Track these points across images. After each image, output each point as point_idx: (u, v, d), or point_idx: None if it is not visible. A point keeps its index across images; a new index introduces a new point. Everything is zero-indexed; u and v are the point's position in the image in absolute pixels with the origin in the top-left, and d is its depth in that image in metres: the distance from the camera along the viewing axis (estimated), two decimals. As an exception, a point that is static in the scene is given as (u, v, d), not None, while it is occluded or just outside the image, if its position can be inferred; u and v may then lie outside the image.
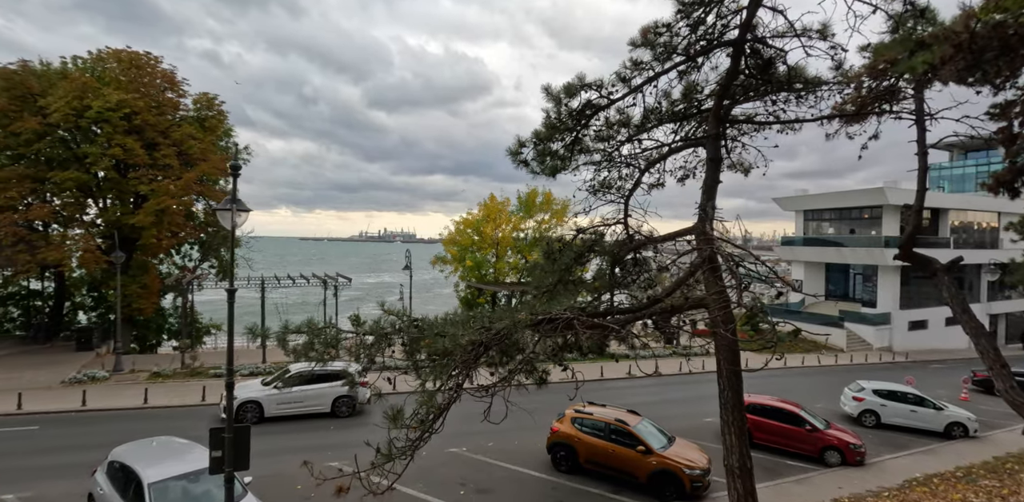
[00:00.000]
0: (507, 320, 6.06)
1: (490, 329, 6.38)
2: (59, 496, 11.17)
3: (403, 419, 5.70)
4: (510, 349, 6.02)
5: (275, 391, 16.38)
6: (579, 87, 7.75)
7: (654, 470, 12.75)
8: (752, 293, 7.74)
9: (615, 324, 6.20)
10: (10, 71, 21.75)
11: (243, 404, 15.91)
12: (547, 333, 5.87)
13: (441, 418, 5.81)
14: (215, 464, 7.83)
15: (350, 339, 8.68)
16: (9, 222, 20.77)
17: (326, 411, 16.88)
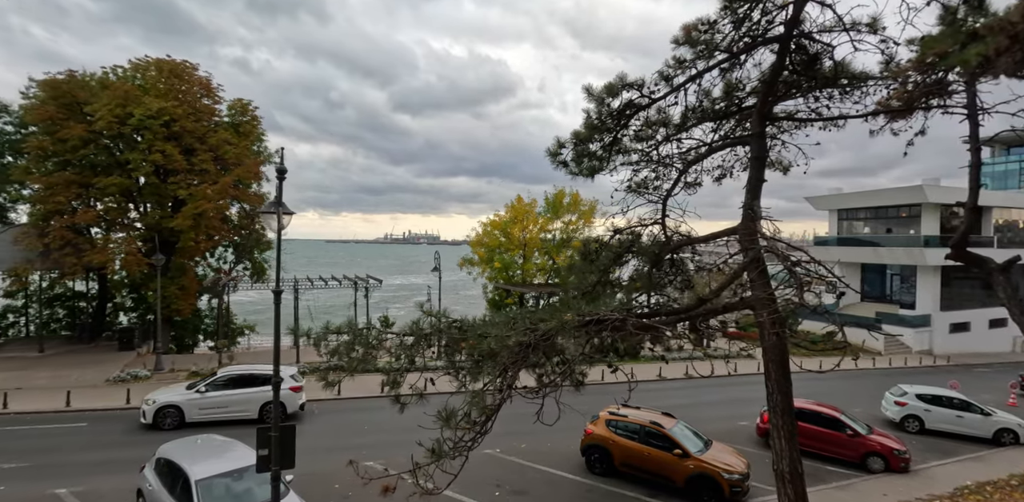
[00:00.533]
0: (554, 321, 6.04)
1: (535, 330, 6.36)
2: (109, 491, 11.52)
3: (456, 420, 5.71)
4: (554, 351, 5.98)
5: (197, 395, 15.70)
6: (620, 87, 7.69)
7: (692, 474, 12.56)
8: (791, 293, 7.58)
9: (665, 325, 6.12)
10: (58, 80, 22.59)
11: (162, 408, 15.34)
12: (595, 334, 5.83)
13: (492, 419, 5.82)
14: (262, 462, 7.97)
15: (390, 340, 8.78)
16: (58, 226, 21.59)
17: (253, 417, 15.98)
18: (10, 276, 21.73)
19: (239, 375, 16.55)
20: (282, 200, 8.97)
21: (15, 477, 12.13)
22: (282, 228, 8.04)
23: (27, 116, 22.33)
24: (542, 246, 32.49)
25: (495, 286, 31.91)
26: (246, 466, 9.99)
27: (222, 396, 15.93)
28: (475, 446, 5.96)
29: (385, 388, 8.76)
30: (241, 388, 16.20)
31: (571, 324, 5.78)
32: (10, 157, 26.38)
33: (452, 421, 5.73)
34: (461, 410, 5.76)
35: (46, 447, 13.99)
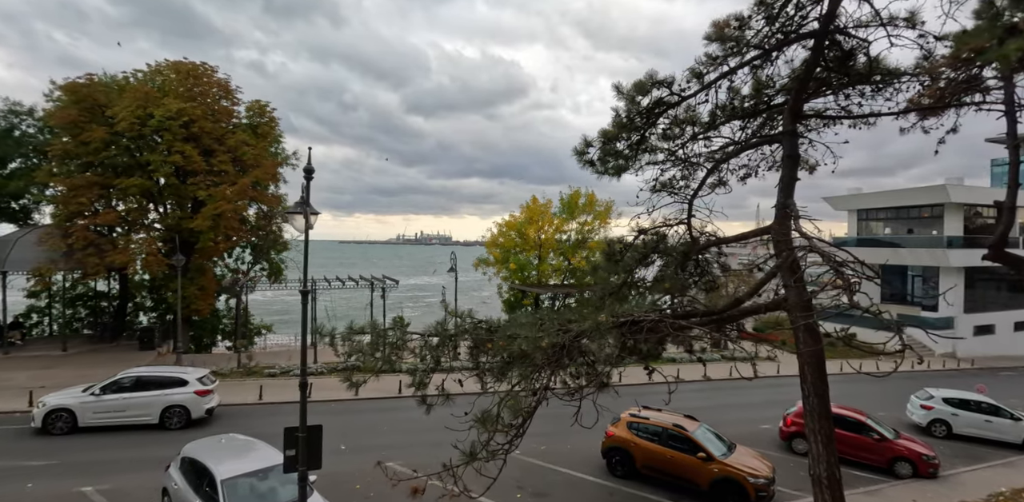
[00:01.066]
0: (587, 322, 5.94)
1: (568, 331, 6.27)
2: (134, 489, 11.60)
3: (492, 422, 5.64)
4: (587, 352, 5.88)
5: (92, 398, 14.89)
6: (650, 85, 7.58)
7: (716, 478, 12.38)
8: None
9: (702, 326, 6.00)
10: (79, 84, 22.92)
11: (52, 412, 14.51)
12: (630, 335, 5.73)
13: (528, 421, 5.74)
14: (289, 462, 7.96)
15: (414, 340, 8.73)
16: (81, 227, 21.89)
17: (154, 422, 15.30)
18: (34, 276, 22.05)
19: (140, 377, 15.73)
20: (308, 200, 8.98)
21: (43, 475, 12.25)
22: (310, 228, 8.02)
23: (51, 119, 22.69)
24: (557, 247, 32.35)
25: (510, 287, 31.84)
26: (270, 466, 10.02)
27: (119, 399, 15.07)
28: (512, 449, 5.88)
29: (409, 389, 8.73)
30: (142, 391, 15.36)
31: (605, 325, 5.69)
32: (35, 159, 26.84)
33: (489, 423, 5.66)
34: (495, 411, 5.68)
35: (71, 445, 14.13)
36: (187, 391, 15.76)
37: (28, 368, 20.80)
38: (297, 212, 8.49)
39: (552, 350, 5.91)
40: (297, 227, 8.75)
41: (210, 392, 16.39)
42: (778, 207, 7.71)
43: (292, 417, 16.84)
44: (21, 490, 11.53)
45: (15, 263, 22.33)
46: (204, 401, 16.03)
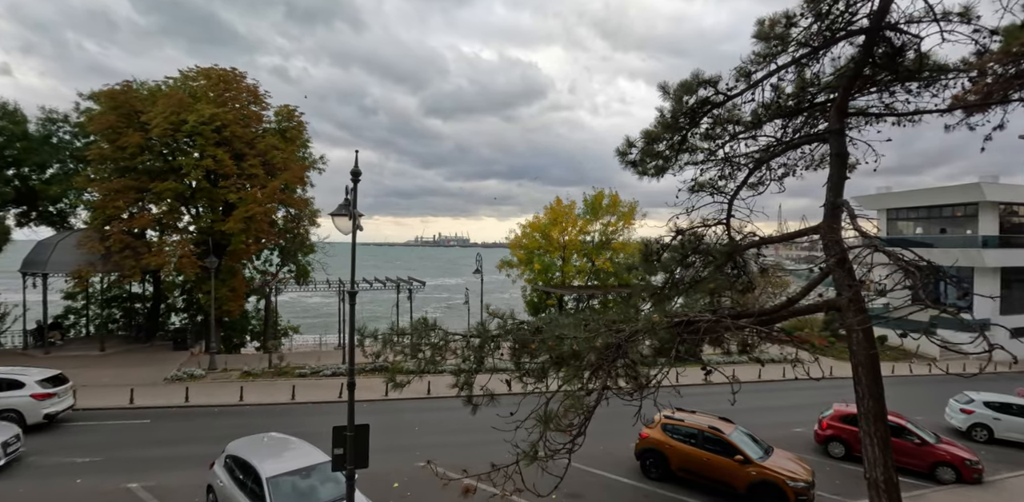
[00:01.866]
0: (641, 322, 5.93)
1: (621, 331, 6.27)
2: (179, 487, 11.85)
3: (556, 421, 5.66)
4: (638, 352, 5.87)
5: None
6: (697, 84, 7.54)
7: (754, 481, 12.23)
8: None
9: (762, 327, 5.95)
10: (117, 91, 23.54)
11: None
12: (685, 335, 5.70)
13: (588, 421, 5.76)
14: (337, 461, 8.07)
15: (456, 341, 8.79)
16: (118, 230, 22.46)
17: None
18: (74, 278, 22.67)
19: None
20: (348, 202, 9.11)
21: (89, 471, 12.59)
22: (358, 229, 8.14)
23: (90, 125, 23.31)
24: (581, 248, 32.26)
25: (534, 288, 31.83)
26: (313, 464, 10.18)
27: None
28: (576, 448, 5.89)
29: (447, 390, 8.81)
30: None
31: (661, 325, 5.67)
32: (71, 165, 27.62)
33: (552, 422, 5.68)
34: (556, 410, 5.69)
35: (115, 442, 14.51)
36: (23, 395, 14.62)
37: (68, 367, 21.25)
38: (343, 214, 8.61)
39: (605, 350, 5.91)
40: (342, 228, 8.87)
41: (52, 396, 14.99)
42: (827, 206, 7.61)
43: (325, 417, 17.14)
44: (70, 485, 11.87)
45: (56, 265, 23.00)
46: (42, 405, 14.72)
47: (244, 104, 25.87)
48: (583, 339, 6.33)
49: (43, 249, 23.72)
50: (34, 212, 28.80)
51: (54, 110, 27.58)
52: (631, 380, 6.47)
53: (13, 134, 25.35)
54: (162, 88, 26.26)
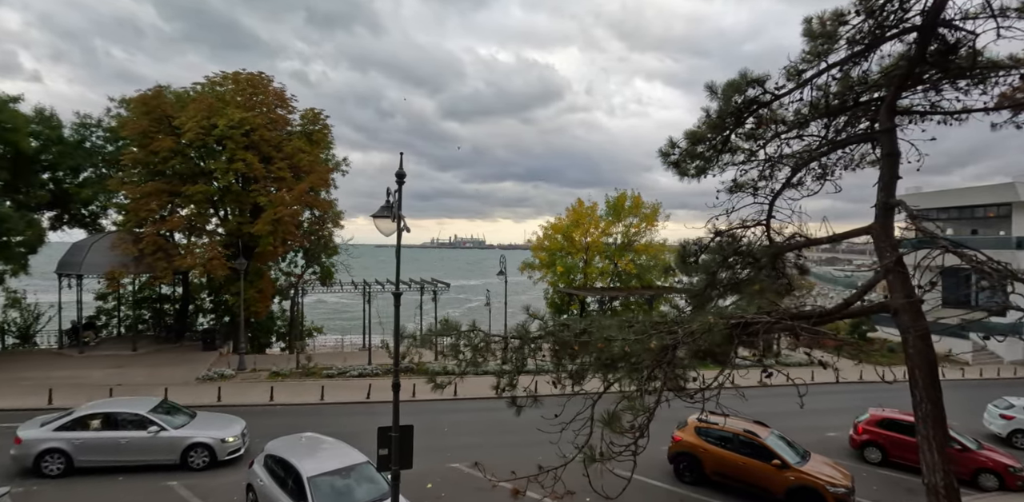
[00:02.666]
0: (696, 323, 5.88)
1: (673, 332, 6.22)
2: (218, 485, 12.02)
3: (618, 423, 5.64)
4: (700, 354, 5.82)
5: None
6: (745, 84, 7.47)
7: (792, 486, 12.05)
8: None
9: (824, 330, 5.86)
10: (148, 96, 24.03)
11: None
12: (742, 336, 5.64)
13: (651, 421, 5.73)
14: (382, 461, 8.11)
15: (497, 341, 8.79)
16: (150, 232, 22.91)
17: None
18: (108, 279, 23.14)
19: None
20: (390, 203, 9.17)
21: (128, 469, 12.79)
22: (403, 231, 8.19)
23: (123, 130, 23.79)
24: (604, 250, 32.13)
25: (557, 290, 31.77)
26: (352, 464, 10.27)
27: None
28: (640, 450, 5.86)
29: (485, 390, 8.84)
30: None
31: (718, 327, 5.62)
32: (103, 169, 28.22)
33: (614, 424, 5.66)
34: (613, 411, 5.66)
35: (152, 441, 14.72)
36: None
37: (103, 367, 21.84)
38: (385, 216, 8.67)
39: (661, 351, 5.87)
40: (384, 230, 8.93)
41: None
42: (879, 207, 7.50)
43: (353, 417, 17.28)
44: (113, 483, 12.09)
45: (90, 266, 23.51)
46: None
47: (271, 107, 26.24)
48: (634, 341, 6.29)
49: (78, 251, 24.27)
50: (66, 215, 29.50)
51: (88, 115, 28.25)
52: (689, 381, 6.42)
53: (49, 139, 25.98)
54: (190, 94, 26.74)
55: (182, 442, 12.98)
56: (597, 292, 29.94)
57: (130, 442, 12.70)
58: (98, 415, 12.93)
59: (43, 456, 12.21)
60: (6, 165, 24.34)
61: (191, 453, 12.99)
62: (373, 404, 19.21)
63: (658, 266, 32.51)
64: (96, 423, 12.80)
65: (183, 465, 12.90)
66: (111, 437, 12.67)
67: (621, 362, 6.51)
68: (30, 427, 12.66)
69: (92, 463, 12.50)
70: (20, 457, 12.24)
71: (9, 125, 24.03)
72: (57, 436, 12.34)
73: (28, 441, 12.27)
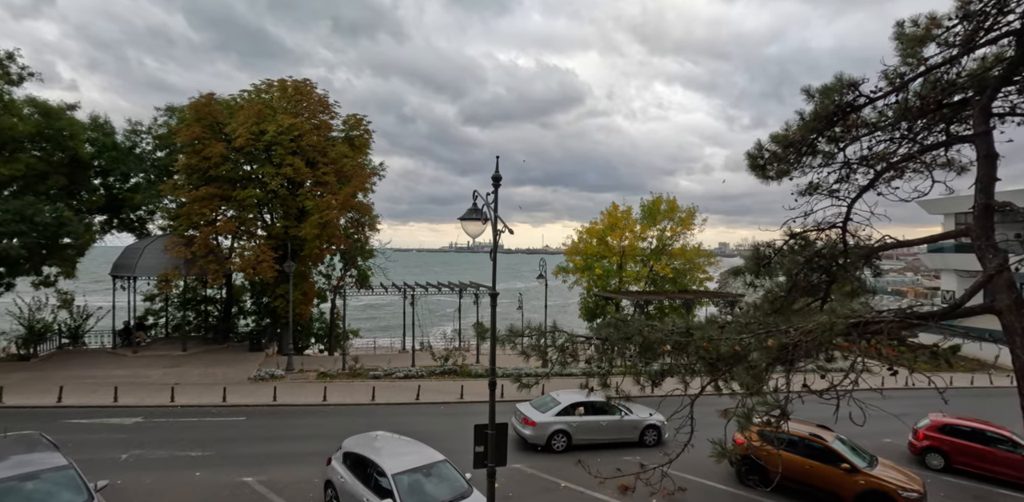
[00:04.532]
0: (813, 323, 5.98)
1: (787, 332, 6.32)
2: (292, 481, 12.32)
3: (754, 419, 5.77)
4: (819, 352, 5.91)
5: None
6: (841, 87, 7.57)
7: (863, 491, 11.98)
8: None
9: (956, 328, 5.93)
10: (200, 103, 24.73)
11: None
12: (863, 336, 5.73)
13: (788, 417, 5.85)
14: (477, 458, 8.30)
15: (583, 342, 8.95)
16: (203, 236, 23.54)
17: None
18: (160, 281, 23.80)
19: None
20: (476, 207, 9.41)
21: (204, 465, 13.20)
22: (509, 231, 8.41)
23: (177, 137, 24.50)
24: (639, 253, 32.12)
25: (594, 294, 31.81)
26: (431, 462, 10.48)
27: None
28: (782, 447, 5.95)
29: (586, 391, 9.00)
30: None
31: (838, 326, 5.71)
32: (152, 174, 29.03)
33: (749, 420, 5.78)
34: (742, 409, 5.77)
35: (220, 438, 15.16)
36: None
37: (158, 366, 22.45)
38: (474, 218, 8.90)
39: (778, 350, 5.97)
40: (470, 233, 9.17)
41: None
42: (978, 209, 7.51)
43: (406, 417, 17.53)
44: (191, 478, 12.47)
45: (144, 269, 24.24)
46: None
47: (314, 113, 26.80)
48: (740, 340, 6.41)
49: (131, 254, 25.01)
50: (115, 219, 30.39)
51: (138, 122, 29.13)
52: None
53: (104, 145, 26.86)
54: (236, 101, 27.45)
55: (641, 423, 15.95)
56: (633, 296, 29.92)
57: (609, 424, 15.70)
58: (582, 403, 15.66)
59: (552, 436, 15.21)
60: (63, 170, 25.24)
61: (646, 432, 15.99)
62: (422, 405, 19.47)
63: (694, 270, 32.43)
64: (581, 409, 15.67)
65: (640, 442, 15.92)
66: (594, 420, 15.64)
67: (730, 361, 6.62)
68: (534, 414, 15.55)
69: (583, 441, 15.50)
70: (535, 437, 15.19)
71: (67, 132, 24.96)
72: (560, 420, 15.37)
73: (541, 424, 15.24)
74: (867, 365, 6.04)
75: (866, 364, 5.79)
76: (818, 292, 9.76)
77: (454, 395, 20.38)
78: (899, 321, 5.67)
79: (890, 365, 5.28)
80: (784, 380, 6.66)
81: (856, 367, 5.29)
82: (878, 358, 5.94)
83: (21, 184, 23.94)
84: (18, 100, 23.96)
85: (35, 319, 26.45)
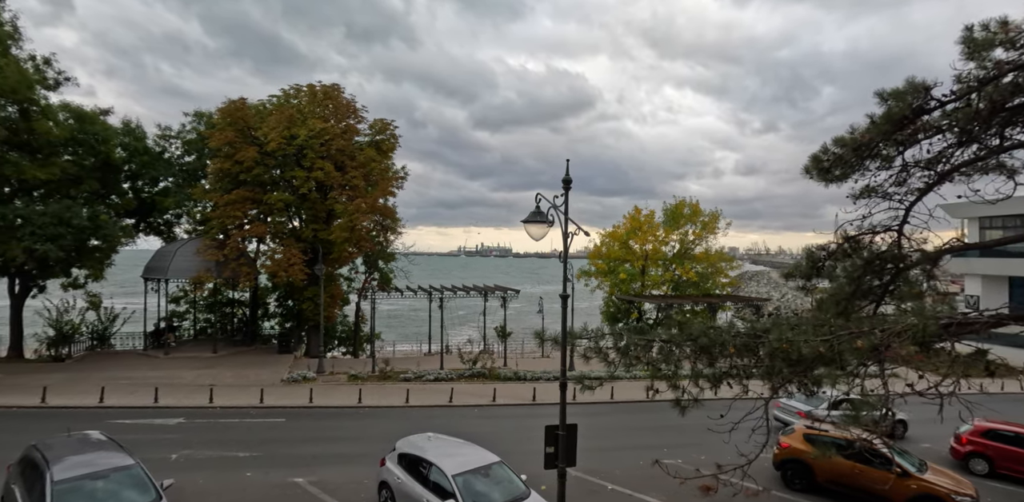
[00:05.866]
0: (902, 325, 6.02)
1: (872, 333, 6.36)
2: (343, 482, 12.40)
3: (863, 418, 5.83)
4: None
5: None
6: (913, 91, 7.63)
7: (915, 495, 11.92)
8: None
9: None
10: (233, 108, 25.07)
11: None
12: (956, 337, 5.77)
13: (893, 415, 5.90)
14: (548, 459, 8.36)
15: (653, 345, 9.01)
16: (235, 239, 23.80)
17: None
18: (193, 283, 24.07)
19: None
20: (539, 210, 9.52)
21: (253, 465, 13.31)
22: (574, 235, 8.50)
23: (211, 141, 24.78)
24: (661, 257, 32.14)
25: (617, 297, 31.82)
26: (489, 463, 10.54)
27: None
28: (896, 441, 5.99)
29: (649, 393, 9.05)
30: None
31: (931, 327, 5.75)
32: (180, 178, 29.38)
33: (860, 419, 5.83)
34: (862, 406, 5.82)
35: (263, 439, 15.29)
36: None
37: (191, 368, 22.66)
38: (539, 221, 9.01)
39: (869, 350, 6.02)
40: (534, 235, 9.26)
41: None
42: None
43: (441, 420, 17.60)
44: (242, 478, 12.60)
45: (176, 271, 24.53)
46: None
47: (343, 118, 27.07)
48: (834, 341, 6.46)
49: (163, 257, 25.32)
50: (142, 223, 30.76)
51: (168, 127, 29.53)
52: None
53: (136, 149, 27.25)
54: (266, 106, 27.78)
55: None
56: (657, 299, 29.92)
57: None
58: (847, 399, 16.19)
59: None
60: (96, 175, 25.61)
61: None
62: (456, 408, 19.52)
63: (716, 274, 32.41)
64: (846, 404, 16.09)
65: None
66: None
67: (813, 363, 6.67)
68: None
69: None
70: None
71: (100, 136, 25.35)
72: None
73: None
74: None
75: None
76: (873, 295, 9.83)
77: (486, 398, 20.44)
78: (995, 322, 5.70)
79: (987, 367, 5.31)
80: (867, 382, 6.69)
81: (956, 369, 5.33)
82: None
83: (53, 187, 24.29)
84: (54, 105, 24.38)
85: (63, 321, 26.82)
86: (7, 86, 20.62)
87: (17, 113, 23.09)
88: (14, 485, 9.44)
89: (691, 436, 17.30)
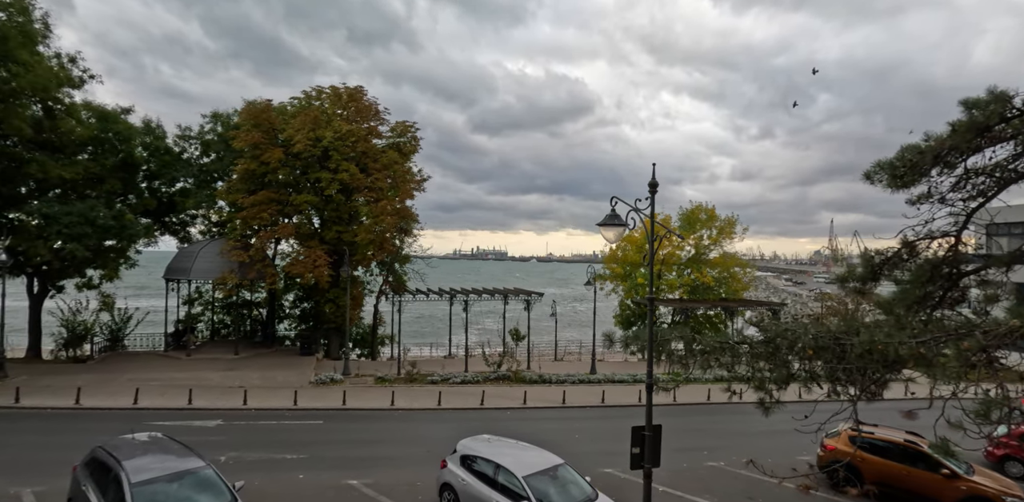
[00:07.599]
0: (1006, 327, 6.18)
1: (970, 333, 6.53)
2: (396, 484, 12.42)
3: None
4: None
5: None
6: (996, 100, 7.83)
7: (965, 496, 12.11)
8: None
9: None
10: (258, 109, 25.05)
11: None
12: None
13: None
14: (634, 460, 8.45)
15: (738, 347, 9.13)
16: (260, 239, 23.73)
17: None
18: (218, 284, 23.95)
19: None
20: (615, 213, 9.64)
21: (304, 468, 13.28)
22: (663, 237, 8.61)
23: (236, 142, 24.67)
24: (678, 262, 32.34)
25: (634, 301, 31.97)
26: (554, 465, 10.61)
27: None
28: None
29: (730, 396, 9.18)
30: None
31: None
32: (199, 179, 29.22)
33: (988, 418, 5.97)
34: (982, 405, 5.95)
35: (306, 441, 15.28)
36: None
37: (215, 369, 22.53)
38: (615, 224, 9.12)
39: (980, 352, 6.18)
40: (609, 239, 9.37)
41: None
42: None
43: (475, 422, 17.65)
44: (295, 480, 12.58)
45: (199, 272, 24.42)
46: None
47: (365, 119, 27.10)
48: (919, 343, 6.62)
49: (185, 257, 25.19)
50: (158, 223, 30.56)
51: (188, 128, 29.39)
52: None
53: (156, 149, 27.12)
54: (288, 108, 27.76)
55: None
56: (674, 303, 30.11)
57: None
58: None
59: None
60: (119, 174, 25.45)
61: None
62: (489, 410, 19.55)
63: (731, 279, 32.62)
64: None
65: None
66: None
67: (909, 363, 6.82)
68: None
69: None
70: None
71: (122, 135, 25.22)
72: None
73: None
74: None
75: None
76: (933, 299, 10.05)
77: (517, 400, 20.49)
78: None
79: None
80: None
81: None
82: None
83: (70, 186, 24.04)
84: (77, 103, 24.23)
85: (76, 321, 26.60)
86: (37, 84, 20.53)
87: (41, 111, 22.98)
88: (85, 487, 9.39)
89: (719, 439, 17.50)
